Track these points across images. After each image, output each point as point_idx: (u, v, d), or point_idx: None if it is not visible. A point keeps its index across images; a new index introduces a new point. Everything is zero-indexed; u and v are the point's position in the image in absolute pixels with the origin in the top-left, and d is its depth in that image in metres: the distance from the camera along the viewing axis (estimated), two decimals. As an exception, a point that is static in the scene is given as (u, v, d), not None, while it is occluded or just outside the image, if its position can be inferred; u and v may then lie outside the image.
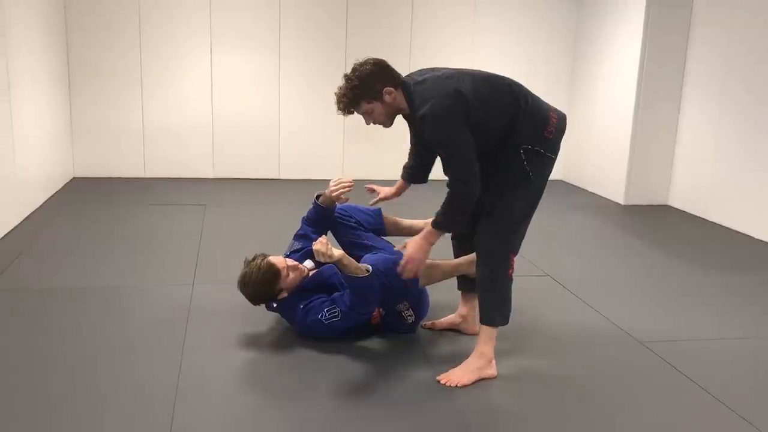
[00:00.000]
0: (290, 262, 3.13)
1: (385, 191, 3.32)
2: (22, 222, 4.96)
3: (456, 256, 3.21)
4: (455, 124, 2.63)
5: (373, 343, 3.14)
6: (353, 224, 3.37)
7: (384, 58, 2.83)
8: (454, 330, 3.27)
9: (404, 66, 6.96)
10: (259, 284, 3.03)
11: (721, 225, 5.69)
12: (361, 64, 2.77)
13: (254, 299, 3.10)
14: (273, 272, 3.02)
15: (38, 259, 4.21)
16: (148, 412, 2.47)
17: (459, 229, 2.85)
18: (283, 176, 7.07)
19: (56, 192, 5.98)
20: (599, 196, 6.78)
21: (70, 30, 6.40)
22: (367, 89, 2.73)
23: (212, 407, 2.53)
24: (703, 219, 5.90)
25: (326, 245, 2.74)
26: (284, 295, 3.08)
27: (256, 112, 6.91)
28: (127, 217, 5.28)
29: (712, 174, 5.85)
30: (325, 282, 3.14)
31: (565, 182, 7.45)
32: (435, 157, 3.11)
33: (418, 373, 2.85)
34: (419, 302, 3.20)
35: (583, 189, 7.11)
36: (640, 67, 6.14)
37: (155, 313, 3.39)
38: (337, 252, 2.80)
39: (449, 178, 2.72)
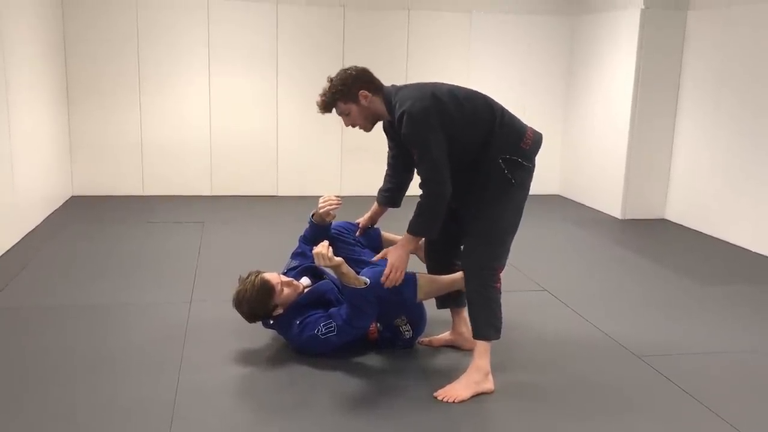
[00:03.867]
0: (284, 278, 3.15)
1: (361, 221, 3.43)
2: (20, 240, 4.97)
3: (429, 273, 3.23)
4: (430, 124, 2.75)
5: (371, 359, 3.14)
6: (351, 241, 3.39)
7: (375, 70, 2.98)
8: (451, 346, 3.28)
9: (401, 81, 7.02)
10: (254, 301, 3.03)
11: (717, 238, 5.70)
12: (344, 69, 2.97)
13: (250, 316, 3.11)
14: (267, 289, 3.03)
15: (37, 277, 4.22)
16: (147, 428, 2.47)
17: (432, 233, 2.91)
18: (281, 193, 7.09)
19: (55, 210, 5.99)
20: (596, 210, 6.80)
21: (69, 48, 6.44)
22: (344, 91, 2.90)
23: (209, 424, 2.53)
24: (700, 233, 5.91)
25: (327, 248, 2.82)
26: (279, 311, 3.09)
27: (254, 130, 6.95)
28: (126, 235, 5.30)
29: (708, 188, 5.88)
30: (321, 298, 3.15)
31: (561, 197, 7.47)
32: (411, 176, 3.22)
33: (416, 389, 2.85)
34: (417, 317, 3.21)
35: (580, 203, 7.12)
36: (635, 81, 6.18)
37: (153, 331, 3.40)
38: (338, 258, 2.85)
39: (420, 178, 2.83)
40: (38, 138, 5.62)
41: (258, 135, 6.96)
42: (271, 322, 3.16)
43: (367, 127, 3.00)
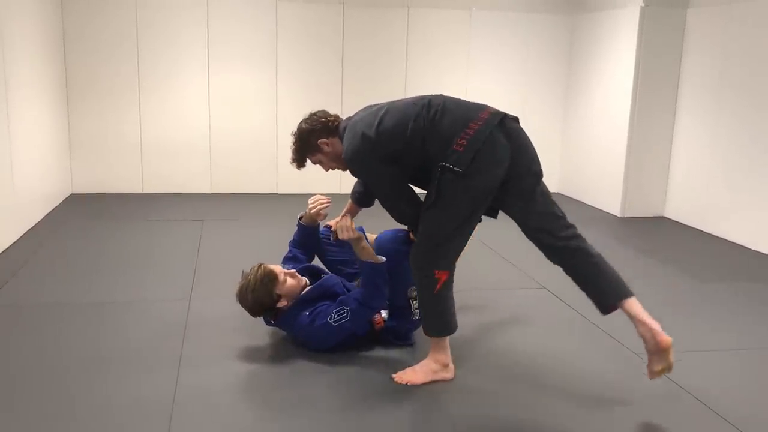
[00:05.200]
0: (287, 270, 3.17)
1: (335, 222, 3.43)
2: (20, 238, 4.97)
3: None
4: (368, 165, 2.82)
5: (373, 356, 3.14)
6: (338, 243, 3.42)
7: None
8: None
9: (400, 79, 7.04)
10: (258, 290, 3.05)
11: (717, 236, 5.71)
12: (302, 122, 3.04)
13: (254, 307, 3.11)
14: (270, 277, 3.06)
15: (36, 274, 4.22)
16: (145, 426, 2.47)
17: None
18: (280, 191, 7.09)
19: (54, 208, 5.99)
20: (596, 208, 6.81)
21: (68, 46, 6.44)
22: (306, 145, 3.02)
23: (209, 422, 2.53)
24: (699, 230, 5.92)
25: (350, 221, 2.99)
26: (284, 303, 3.10)
27: (254, 127, 6.94)
28: (125, 232, 5.30)
29: (708, 185, 5.88)
30: (328, 291, 3.16)
31: (561, 194, 7.48)
32: None
33: (418, 386, 2.86)
34: None
35: (580, 201, 7.13)
36: (635, 79, 6.18)
37: (152, 328, 3.40)
38: (359, 233, 3.00)
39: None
40: (38, 136, 5.61)
41: (258, 132, 6.96)
42: (273, 322, 3.17)
43: (343, 167, 3.03)
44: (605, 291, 2.77)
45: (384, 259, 3.01)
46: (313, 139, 2.98)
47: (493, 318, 3.68)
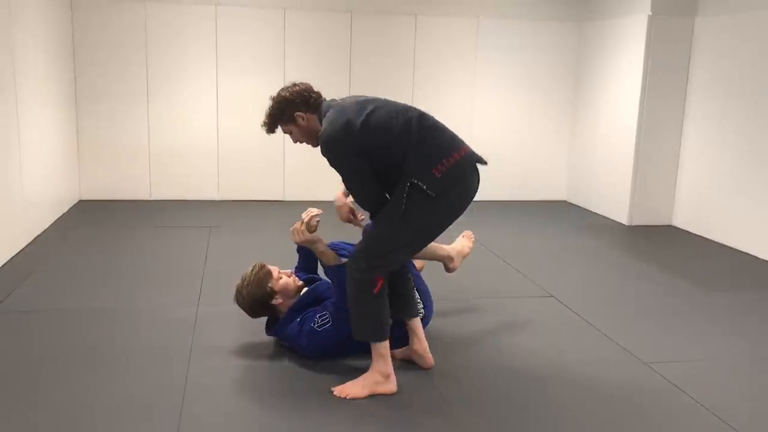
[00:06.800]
0: (283, 271, 3.24)
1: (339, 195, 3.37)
2: (29, 244, 5.00)
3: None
4: (341, 152, 2.78)
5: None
6: (346, 255, 3.43)
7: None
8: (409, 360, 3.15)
9: (407, 88, 7.05)
10: (253, 285, 3.10)
11: (724, 245, 5.69)
12: (283, 89, 3.00)
13: (250, 302, 3.14)
14: (264, 271, 3.13)
15: (45, 280, 4.24)
16: (154, 429, 2.49)
17: None
18: (287, 198, 7.11)
19: (63, 214, 6.03)
20: (603, 216, 6.79)
21: (78, 53, 6.49)
22: (281, 114, 2.99)
23: (216, 425, 2.55)
24: (707, 239, 5.90)
25: (301, 224, 2.98)
26: (279, 300, 3.14)
27: (261, 135, 6.85)
28: (133, 239, 5.32)
29: (715, 194, 5.87)
30: (320, 297, 3.20)
31: (569, 203, 7.47)
32: None
33: (422, 391, 2.86)
34: (426, 296, 3.35)
35: (587, 209, 7.12)
36: (642, 87, 6.18)
37: (160, 334, 3.41)
38: (312, 234, 2.99)
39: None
40: (47, 142, 5.65)
41: (265, 140, 6.91)
42: (272, 331, 3.21)
43: (313, 144, 3.01)
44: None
45: (343, 260, 2.98)
46: (290, 110, 2.96)
47: (500, 325, 3.68)
